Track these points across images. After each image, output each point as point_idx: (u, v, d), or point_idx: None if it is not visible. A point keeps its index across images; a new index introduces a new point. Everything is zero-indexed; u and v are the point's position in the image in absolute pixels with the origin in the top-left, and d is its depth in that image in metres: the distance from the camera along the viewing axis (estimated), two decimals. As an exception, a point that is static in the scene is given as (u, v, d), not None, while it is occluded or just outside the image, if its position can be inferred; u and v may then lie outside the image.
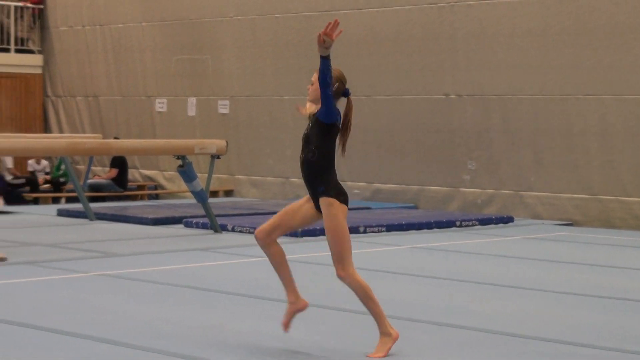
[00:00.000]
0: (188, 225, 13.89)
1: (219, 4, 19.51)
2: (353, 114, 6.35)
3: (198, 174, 13.44)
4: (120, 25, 21.22)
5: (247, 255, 11.13)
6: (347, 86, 6.28)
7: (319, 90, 5.98)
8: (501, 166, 16.43)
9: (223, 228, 13.35)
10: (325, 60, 5.85)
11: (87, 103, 21.96)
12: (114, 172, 19.21)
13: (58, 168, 19.68)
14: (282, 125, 18.74)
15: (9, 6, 22.17)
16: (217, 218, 13.40)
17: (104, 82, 21.63)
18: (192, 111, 20.25)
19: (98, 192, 18.67)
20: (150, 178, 20.99)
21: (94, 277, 9.45)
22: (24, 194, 18.91)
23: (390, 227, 13.84)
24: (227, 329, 6.97)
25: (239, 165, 19.42)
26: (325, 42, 5.77)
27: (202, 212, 13.62)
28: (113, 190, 19.05)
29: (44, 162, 19.82)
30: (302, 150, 6.17)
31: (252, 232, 12.85)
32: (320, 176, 6.09)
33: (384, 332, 6.12)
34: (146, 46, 20.79)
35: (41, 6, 22.40)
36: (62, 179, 19.55)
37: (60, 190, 19.33)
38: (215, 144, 13.69)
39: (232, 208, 15.90)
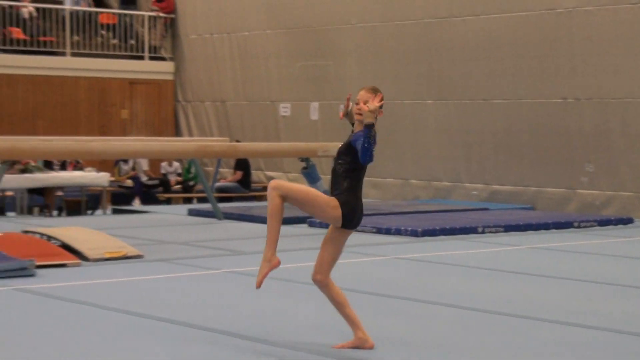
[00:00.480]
0: (312, 224, 14.00)
1: (341, 12, 19.61)
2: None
3: (321, 176, 13.51)
4: (246, 33, 21.50)
5: (370, 254, 11.18)
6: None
7: (361, 117, 6.04)
8: (620, 168, 16.12)
9: (346, 228, 13.39)
10: (369, 129, 5.92)
11: (215, 108, 22.32)
12: (239, 174, 19.49)
13: (188, 170, 20.04)
14: (401, 129, 18.74)
15: (143, 16, 22.71)
16: (339, 218, 13.43)
17: (231, 88, 21.94)
18: (314, 115, 20.39)
19: (225, 194, 18.94)
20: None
21: (224, 274, 9.61)
22: (158, 195, 19.31)
23: (508, 228, 13.71)
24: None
25: (360, 167, 19.42)
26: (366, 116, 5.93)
27: (325, 212, 13.67)
28: (239, 191, 19.32)
29: (176, 164, 20.22)
30: (334, 160, 6.32)
31: (375, 232, 13.00)
32: (339, 186, 6.14)
33: (265, 258, 6.34)
34: (271, 53, 21.02)
35: (173, 16, 22.85)
36: (191, 182, 19.90)
37: (190, 191, 19.69)
38: (337, 147, 13.74)
39: (353, 208, 15.92)
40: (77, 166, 17.71)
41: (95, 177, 16.63)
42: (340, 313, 6.23)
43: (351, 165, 6.15)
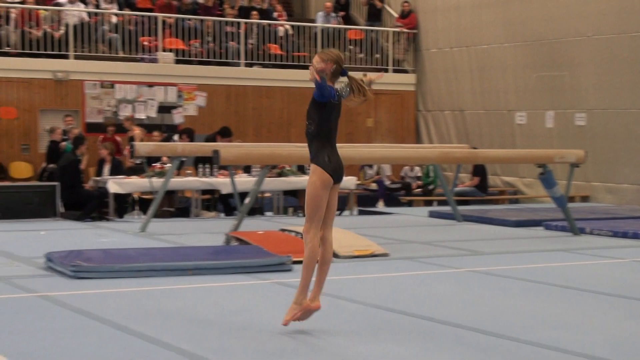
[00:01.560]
0: (548, 227, 13.66)
1: (576, 25, 19.07)
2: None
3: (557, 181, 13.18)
4: (484, 46, 21.27)
5: (607, 256, 10.78)
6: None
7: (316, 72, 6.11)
8: None
9: (582, 231, 13.00)
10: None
11: (454, 117, 22.20)
12: (476, 180, 19.29)
13: (427, 174, 20.02)
14: (638, 136, 18.04)
15: (387, 32, 22.90)
16: (575, 222, 13.08)
17: (469, 98, 21.77)
18: (550, 123, 19.92)
19: (463, 197, 18.80)
20: (510, 184, 20.87)
21: (465, 272, 9.51)
22: (400, 197, 19.40)
23: None
24: (593, 325, 6.78)
25: (595, 173, 18.84)
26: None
27: (560, 215, 13.33)
28: (476, 195, 19.12)
29: (416, 169, 20.25)
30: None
31: (611, 235, 12.52)
32: (312, 145, 6.27)
33: (296, 301, 6.32)
34: (508, 65, 20.71)
35: (415, 31, 22.92)
36: (431, 186, 19.87)
37: (430, 194, 19.66)
38: (574, 153, 13.38)
39: (589, 212, 15.45)
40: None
41: (343, 181, 16.82)
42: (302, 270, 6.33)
43: (316, 121, 6.27)
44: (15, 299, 7.58)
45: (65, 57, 18.94)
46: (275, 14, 22.42)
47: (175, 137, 17.35)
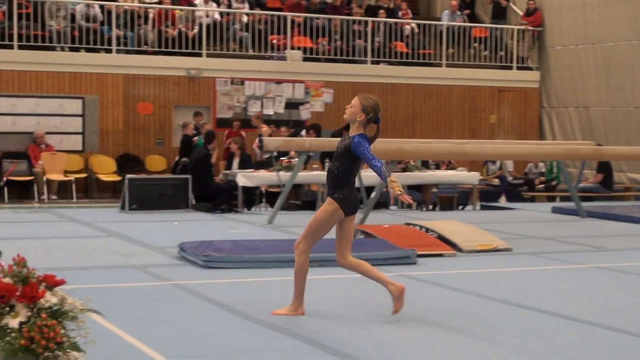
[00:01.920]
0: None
1: None
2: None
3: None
4: (611, 43, 20.69)
5: None
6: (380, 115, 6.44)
7: (357, 114, 6.40)
8: None
9: None
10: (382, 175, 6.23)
11: (578, 113, 21.67)
12: (600, 177, 18.77)
13: (550, 171, 19.60)
14: None
15: (512, 29, 22.51)
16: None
17: (594, 95, 21.21)
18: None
19: (587, 193, 18.34)
20: (636, 181, 20.25)
21: (590, 269, 9.27)
22: (522, 193, 19.06)
23: None
24: None
25: None
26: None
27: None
28: (600, 192, 18.61)
29: (541, 165, 19.84)
30: (331, 161, 6.56)
31: None
32: (333, 183, 6.49)
33: (294, 304, 6.56)
34: (636, 62, 20.09)
35: (540, 29, 22.47)
36: (554, 182, 19.44)
37: (553, 190, 19.24)
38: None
39: None
40: (449, 166, 17.84)
41: (466, 176, 16.67)
42: (294, 279, 6.57)
43: (348, 166, 6.42)
44: (151, 286, 7.74)
45: (199, 55, 19.28)
46: (400, 13, 22.31)
47: (303, 132, 17.43)
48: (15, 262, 2.22)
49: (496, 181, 19.41)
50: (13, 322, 2.14)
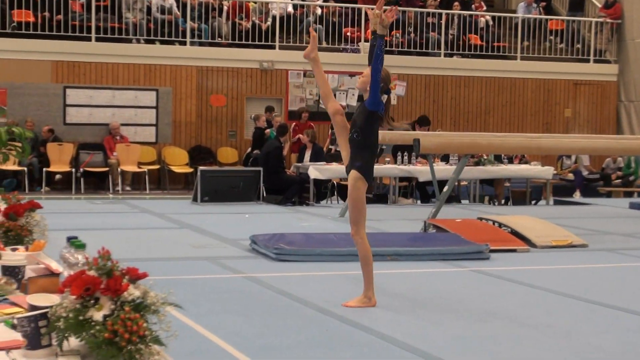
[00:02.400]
0: None
1: None
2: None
3: None
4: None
5: None
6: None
7: (369, 82, 6.36)
8: None
9: None
10: (382, 39, 6.33)
11: (658, 107, 21.28)
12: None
13: (628, 165, 19.28)
14: None
15: (590, 22, 22.17)
16: None
17: (674, 88, 20.80)
18: None
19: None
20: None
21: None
22: (598, 188, 18.78)
23: None
24: None
25: None
26: (384, 21, 6.26)
27: None
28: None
29: (619, 160, 19.50)
30: (349, 129, 6.54)
31: None
32: (359, 153, 6.48)
33: (366, 295, 6.57)
34: None
35: (619, 21, 22.07)
36: (631, 177, 19.12)
37: (630, 185, 18.92)
38: None
39: None
40: (522, 160, 17.66)
41: (540, 170, 16.48)
42: (362, 269, 6.61)
43: (367, 129, 6.45)
44: (223, 279, 7.82)
45: (272, 47, 19.37)
46: (474, 6, 22.13)
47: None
48: (100, 255, 2.27)
49: (570, 176, 19.15)
50: (97, 315, 2.19)
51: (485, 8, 22.34)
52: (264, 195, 14.94)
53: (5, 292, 3.05)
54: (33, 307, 2.49)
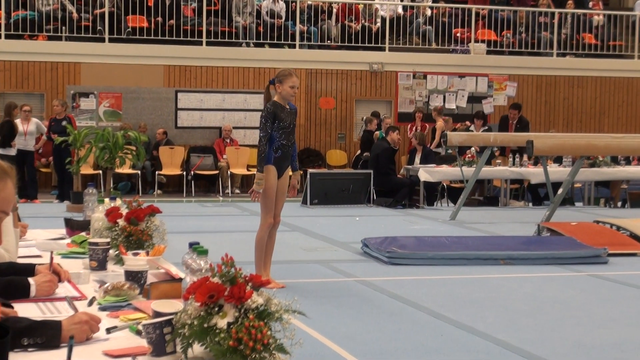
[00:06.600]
0: None
1: None
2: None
3: None
4: None
5: None
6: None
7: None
8: None
9: None
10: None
11: None
12: None
13: None
14: None
15: None
16: None
17: None
18: None
19: None
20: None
21: None
22: None
23: None
24: None
25: None
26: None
27: None
28: None
29: None
30: (290, 139, 7.47)
31: None
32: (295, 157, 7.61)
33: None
34: None
35: None
36: None
37: None
38: None
39: None
40: (640, 161, 17.16)
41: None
42: (260, 250, 7.51)
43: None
44: (336, 282, 7.81)
45: (381, 49, 19.32)
46: (590, 4, 21.63)
47: (471, 126, 17.21)
48: (223, 262, 2.26)
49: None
50: (222, 323, 2.19)
51: (601, 6, 21.80)
52: (374, 198, 14.90)
53: (129, 298, 3.08)
54: (157, 314, 2.51)
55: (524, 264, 8.70)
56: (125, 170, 16.15)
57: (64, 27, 17.48)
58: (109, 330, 2.70)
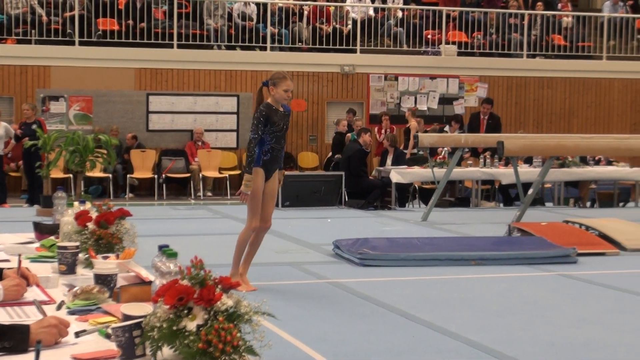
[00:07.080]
0: None
1: None
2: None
3: None
4: None
5: None
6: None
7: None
8: None
9: None
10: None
11: None
12: None
13: None
14: None
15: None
16: None
17: None
18: None
19: None
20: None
21: None
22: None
23: None
24: None
25: None
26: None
27: None
28: None
29: None
30: (281, 142, 7.44)
31: None
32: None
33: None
34: None
35: None
36: None
37: None
38: None
39: None
40: (608, 161, 17.30)
41: (629, 172, 16.13)
42: (240, 250, 7.53)
43: None
44: (308, 284, 7.82)
45: (353, 51, 19.35)
46: (559, 5, 21.78)
47: (446, 127, 17.27)
48: (193, 264, 2.26)
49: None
50: (191, 325, 2.19)
51: (570, 8, 21.96)
52: (346, 199, 14.92)
53: (99, 301, 3.07)
54: (127, 317, 2.50)
55: (495, 264, 8.75)
56: (96, 173, 16.06)
57: (33, 31, 17.37)
58: (77, 334, 2.69)
